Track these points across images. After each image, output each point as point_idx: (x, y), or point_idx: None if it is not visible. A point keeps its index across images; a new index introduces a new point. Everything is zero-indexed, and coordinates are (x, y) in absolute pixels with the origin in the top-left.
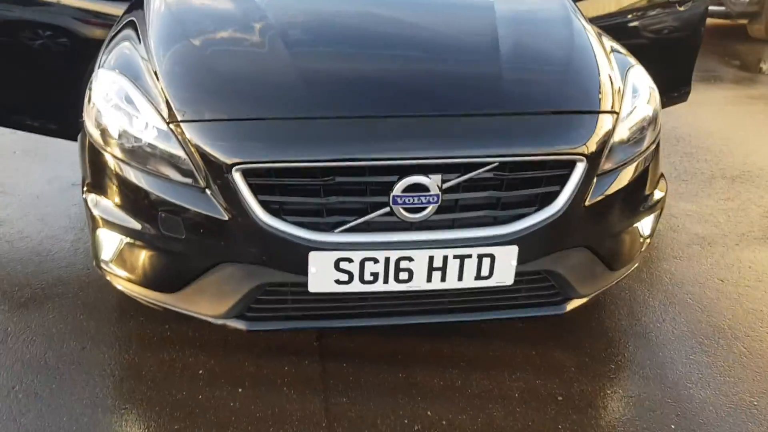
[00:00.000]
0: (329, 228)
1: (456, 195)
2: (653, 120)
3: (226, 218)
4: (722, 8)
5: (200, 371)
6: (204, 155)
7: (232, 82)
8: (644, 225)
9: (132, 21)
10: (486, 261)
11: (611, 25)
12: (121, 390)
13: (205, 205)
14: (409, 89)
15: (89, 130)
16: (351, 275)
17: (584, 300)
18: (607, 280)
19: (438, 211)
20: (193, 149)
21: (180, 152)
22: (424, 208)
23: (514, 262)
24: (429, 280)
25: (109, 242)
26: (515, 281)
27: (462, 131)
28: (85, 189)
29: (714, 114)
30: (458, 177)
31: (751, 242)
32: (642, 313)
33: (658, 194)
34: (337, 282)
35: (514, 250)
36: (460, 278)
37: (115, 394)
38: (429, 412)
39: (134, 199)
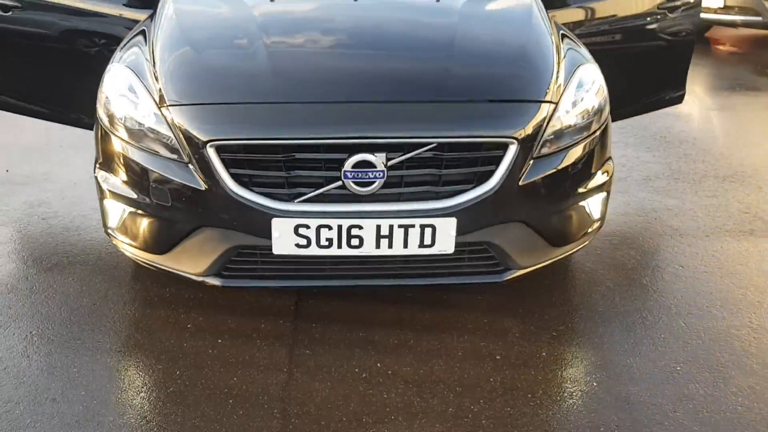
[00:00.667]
0: (290, 198)
1: (401, 172)
2: (598, 111)
3: (203, 188)
4: (759, 18)
5: (189, 325)
6: (186, 134)
7: (213, 75)
8: (591, 206)
9: (143, 29)
10: (428, 231)
11: (603, 30)
12: (119, 338)
13: (187, 176)
14: (364, 79)
15: (100, 116)
16: (309, 240)
17: (524, 271)
18: (549, 255)
19: (385, 186)
20: (177, 129)
21: (168, 132)
22: (371, 183)
23: (453, 233)
24: (378, 246)
25: (114, 211)
26: (456, 251)
27: (406, 116)
28: (96, 167)
29: (726, 119)
30: (401, 155)
31: (722, 234)
32: (595, 291)
33: (601, 178)
34: (297, 246)
35: (452, 221)
36: (405, 246)
37: (114, 340)
38: (378, 364)
39: (133, 174)
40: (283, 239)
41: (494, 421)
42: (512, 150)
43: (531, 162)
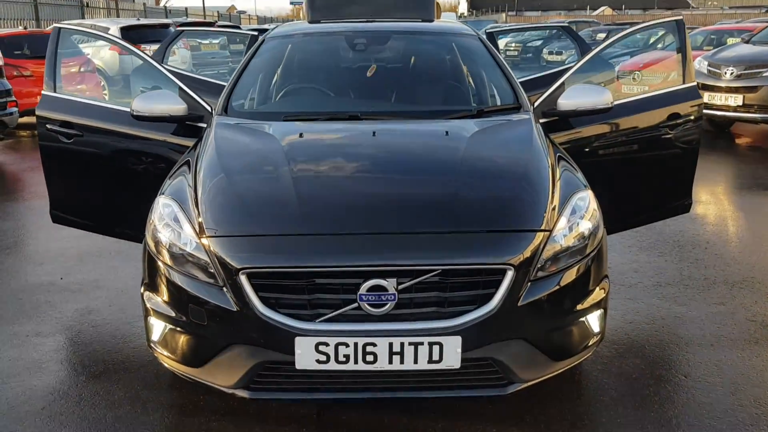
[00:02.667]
0: (312, 318)
1: (410, 294)
2: (591, 234)
3: (235, 309)
4: None
5: None
6: (221, 261)
7: (245, 207)
8: (590, 322)
9: (188, 159)
10: (436, 348)
11: (607, 143)
12: None
13: (221, 298)
14: (377, 211)
15: (147, 242)
16: (328, 356)
17: (527, 384)
18: (551, 368)
19: (396, 307)
20: (214, 257)
21: (206, 259)
22: (384, 305)
23: (459, 350)
24: (390, 362)
25: (157, 328)
26: (462, 365)
27: (413, 245)
28: (142, 288)
29: (741, 221)
30: (410, 281)
31: (727, 344)
32: (599, 401)
33: (598, 295)
34: (318, 361)
35: (458, 339)
36: (415, 361)
37: None
38: None
39: (174, 294)
40: (305, 355)
41: None
42: (509, 275)
43: (528, 284)
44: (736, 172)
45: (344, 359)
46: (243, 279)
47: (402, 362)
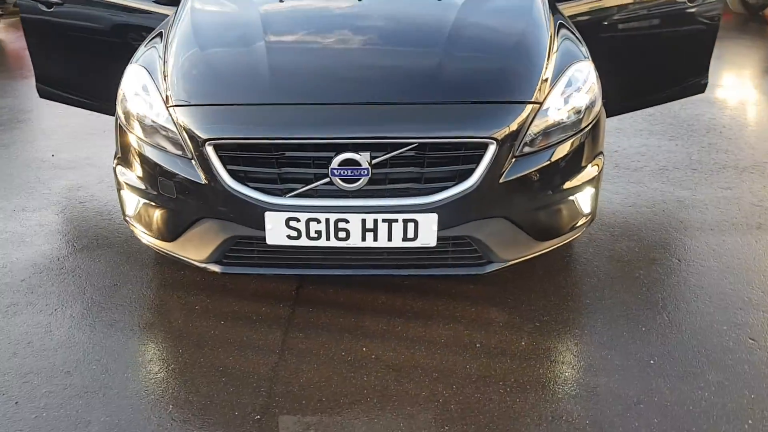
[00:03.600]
0: (282, 193)
1: (385, 170)
2: (587, 108)
3: (204, 182)
4: None
5: (197, 307)
6: (188, 132)
7: (215, 76)
8: (580, 201)
9: (162, 30)
10: (410, 225)
11: (622, 18)
12: (133, 317)
13: (190, 171)
14: (353, 81)
15: (118, 113)
16: (299, 232)
17: (508, 263)
18: (533, 248)
19: (370, 183)
20: (181, 128)
21: (174, 129)
22: (357, 180)
23: (435, 227)
24: (363, 239)
25: (131, 202)
26: (439, 244)
27: (389, 117)
28: (115, 161)
29: (763, 106)
30: (384, 155)
31: (727, 228)
32: (586, 283)
33: (590, 173)
34: (289, 237)
35: (433, 217)
36: (389, 239)
37: (128, 319)
38: (364, 348)
39: (146, 168)
40: (276, 231)
41: (462, 406)
42: (491, 150)
43: (513, 160)
44: (765, 56)
45: (316, 235)
46: (210, 150)
47: (375, 239)
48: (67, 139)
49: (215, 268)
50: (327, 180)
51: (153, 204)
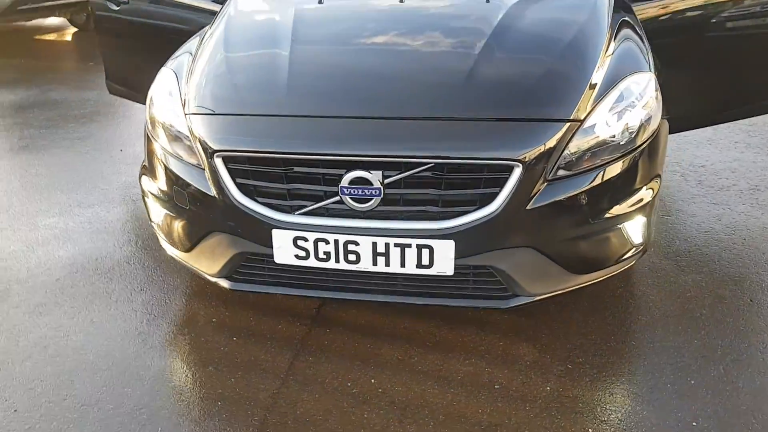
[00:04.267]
0: (291, 210)
1: (400, 190)
2: (642, 126)
3: (213, 194)
4: None
5: (213, 319)
6: (201, 142)
7: (233, 84)
8: (630, 231)
9: (198, 37)
10: (425, 251)
11: (713, 23)
12: (149, 325)
13: (202, 182)
14: (371, 93)
15: (146, 117)
16: (307, 252)
17: (536, 298)
18: (569, 282)
19: (383, 204)
20: (195, 137)
21: (190, 137)
22: (368, 200)
23: (452, 255)
24: (375, 263)
25: (155, 210)
26: (458, 272)
27: (403, 133)
28: (141, 170)
29: None
30: (398, 174)
31: None
32: (637, 321)
33: (640, 199)
34: (297, 257)
35: (450, 244)
36: (402, 265)
37: (143, 327)
38: (372, 380)
39: (161, 174)
40: (284, 250)
41: None
42: (516, 173)
43: (544, 185)
44: None
45: (324, 257)
46: (219, 162)
47: (387, 264)
48: (139, 134)
49: (225, 284)
50: (337, 198)
51: (171, 213)
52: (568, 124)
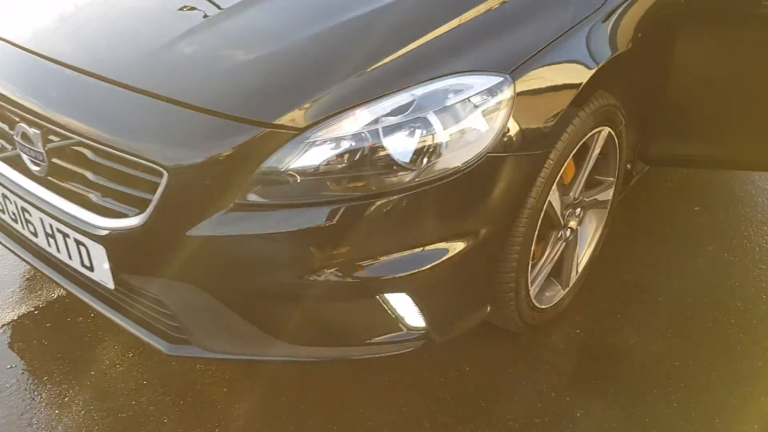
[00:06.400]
0: None
1: (66, 163)
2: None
3: None
4: None
5: None
6: None
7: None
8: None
9: None
10: (83, 250)
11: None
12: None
13: None
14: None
15: None
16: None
17: (224, 356)
18: (276, 349)
19: (52, 173)
20: None
21: None
22: (37, 163)
23: (106, 265)
24: (49, 244)
25: None
26: (118, 289)
27: (81, 96)
28: None
29: None
30: (60, 141)
31: None
32: None
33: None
34: None
35: (101, 249)
36: (70, 257)
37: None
38: None
39: None
40: None
41: None
42: (163, 182)
43: (229, 208)
44: None
45: (13, 216)
46: None
47: (59, 251)
48: None
49: None
50: (17, 152)
51: None
52: (269, 130)
